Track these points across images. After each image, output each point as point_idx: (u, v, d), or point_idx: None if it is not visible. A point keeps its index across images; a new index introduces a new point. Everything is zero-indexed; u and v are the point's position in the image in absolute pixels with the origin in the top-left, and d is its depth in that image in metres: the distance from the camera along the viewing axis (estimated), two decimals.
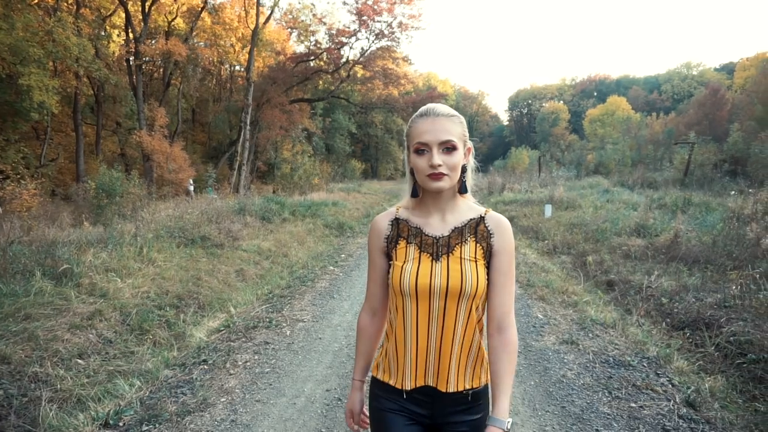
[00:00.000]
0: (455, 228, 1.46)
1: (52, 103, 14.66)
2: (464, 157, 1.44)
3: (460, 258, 1.42)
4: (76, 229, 9.48)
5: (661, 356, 4.19)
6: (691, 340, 4.69)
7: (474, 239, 1.45)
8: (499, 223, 1.47)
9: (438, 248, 1.44)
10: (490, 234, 1.45)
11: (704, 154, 26.10)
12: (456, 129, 1.39)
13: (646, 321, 5.21)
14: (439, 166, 1.35)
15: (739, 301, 5.27)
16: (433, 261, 1.42)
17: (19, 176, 14.39)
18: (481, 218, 1.48)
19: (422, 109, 1.44)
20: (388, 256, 1.52)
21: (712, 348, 4.38)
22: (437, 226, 1.48)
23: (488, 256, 1.45)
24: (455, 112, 1.44)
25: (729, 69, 68.15)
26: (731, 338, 4.43)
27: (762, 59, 45.64)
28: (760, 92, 33.88)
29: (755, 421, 3.21)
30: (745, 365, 4.01)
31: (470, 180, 1.52)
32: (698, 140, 28.35)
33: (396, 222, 1.52)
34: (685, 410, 3.20)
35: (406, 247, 1.47)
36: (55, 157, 20.09)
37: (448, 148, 1.37)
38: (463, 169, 1.46)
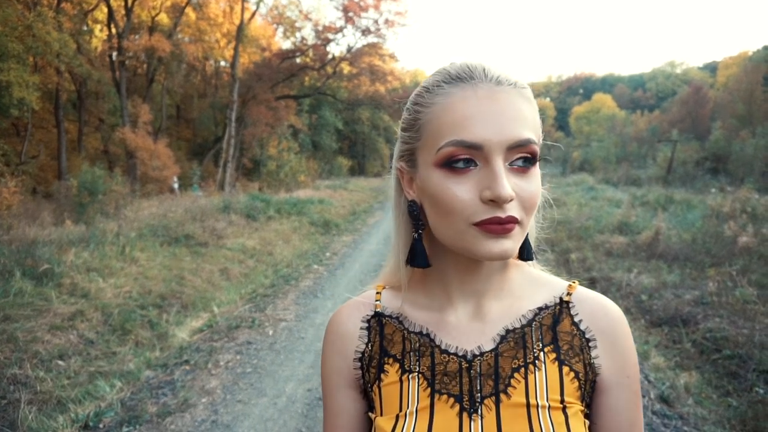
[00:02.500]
0: (509, 332, 0.73)
1: (32, 99, 14.40)
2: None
3: (527, 405, 0.68)
4: (57, 227, 9.35)
5: (639, 353, 4.26)
6: (669, 336, 4.78)
7: (554, 355, 0.71)
8: (601, 314, 0.73)
9: (474, 384, 0.70)
10: (588, 341, 0.72)
11: (687, 151, 26.49)
12: (531, 115, 0.67)
13: (626, 318, 5.29)
14: (509, 200, 0.61)
15: (716, 298, 5.38)
16: (465, 415, 0.69)
17: None
18: (563, 305, 0.75)
19: (455, 66, 0.68)
20: (364, 397, 0.80)
21: (689, 344, 4.47)
22: (467, 327, 0.74)
23: (588, 392, 0.72)
24: (521, 79, 0.69)
25: (712, 68, 69.15)
26: (707, 334, 4.53)
27: (744, 58, 46.36)
28: (742, 90, 34.43)
29: (728, 415, 3.29)
30: (720, 361, 4.11)
31: (534, 229, 0.82)
32: (681, 138, 28.75)
33: (378, 323, 0.79)
34: (659, 406, 3.27)
35: (402, 380, 0.74)
36: (37, 154, 19.78)
37: (526, 158, 0.65)
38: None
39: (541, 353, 0.71)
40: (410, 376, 0.73)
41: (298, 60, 28.14)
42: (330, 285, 6.89)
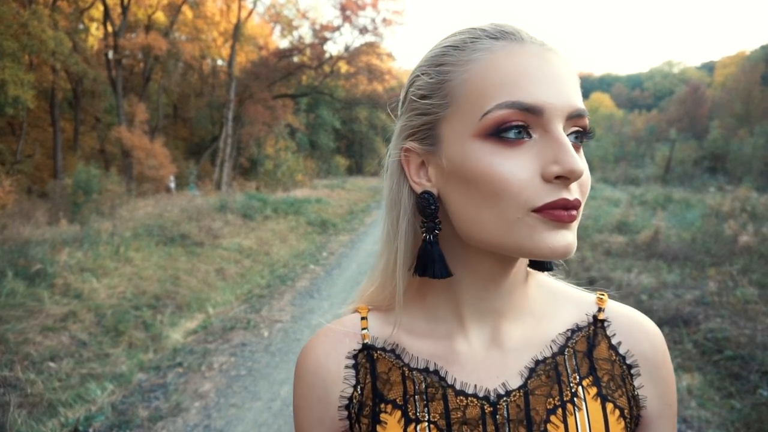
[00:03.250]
0: (538, 362, 0.61)
1: (27, 98, 14.29)
2: None
3: None
4: (52, 227, 9.27)
5: None
6: (669, 337, 4.72)
7: (595, 390, 0.60)
8: (641, 334, 0.63)
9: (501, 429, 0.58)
10: (629, 368, 0.62)
11: (685, 151, 26.49)
12: (578, 84, 0.57)
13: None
14: (581, 175, 0.51)
15: (717, 298, 5.33)
16: None
17: None
18: (597, 325, 0.64)
19: (489, 25, 0.58)
20: None
21: (690, 345, 4.41)
22: (485, 358, 0.61)
23: (631, 427, 0.61)
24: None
25: (709, 67, 69.22)
26: (709, 335, 4.47)
27: (742, 57, 46.41)
28: (740, 90, 34.45)
29: (731, 418, 3.23)
30: (722, 362, 4.05)
31: None
32: (679, 137, 28.77)
33: (368, 358, 0.64)
34: None
35: (408, 428, 0.59)
36: (32, 153, 19.66)
37: (580, 133, 0.56)
38: None
39: (580, 388, 0.59)
40: (418, 427, 0.58)
41: (295, 59, 28.06)
42: (326, 285, 6.82)
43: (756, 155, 21.20)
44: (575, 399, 0.58)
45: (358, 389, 0.62)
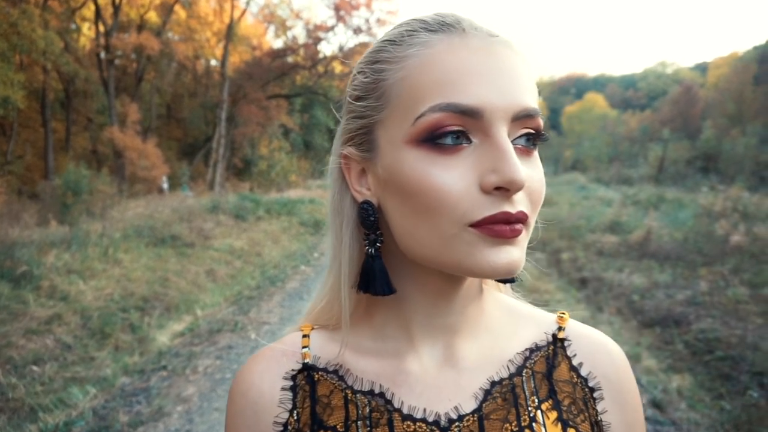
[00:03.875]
0: (494, 384, 0.56)
1: (17, 98, 14.16)
2: None
3: None
4: (41, 228, 9.17)
5: (630, 355, 4.17)
6: (660, 337, 4.70)
7: (555, 414, 0.55)
8: (604, 355, 0.59)
9: None
10: (591, 390, 0.57)
11: (678, 150, 26.58)
12: (533, 82, 0.51)
13: (617, 319, 5.21)
14: (522, 186, 0.45)
15: (708, 298, 5.32)
16: None
17: None
18: (557, 345, 0.59)
19: (431, 16, 0.52)
20: None
21: (681, 345, 4.39)
22: (437, 378, 0.56)
23: None
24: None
25: (702, 68, 69.52)
26: (700, 335, 4.45)
27: (734, 58, 46.65)
28: (732, 90, 34.61)
29: (721, 420, 3.21)
30: (712, 362, 4.03)
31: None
32: (672, 137, 28.87)
33: (308, 380, 0.58)
34: (650, 412, 3.17)
35: None
36: (23, 153, 19.50)
37: (531, 136, 0.50)
38: None
39: (539, 412, 0.54)
40: None
41: (289, 59, 27.98)
42: (316, 287, 6.76)
43: (748, 155, 21.30)
44: (534, 424, 0.53)
45: (295, 414, 0.56)
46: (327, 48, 28.26)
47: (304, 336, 0.61)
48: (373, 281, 0.53)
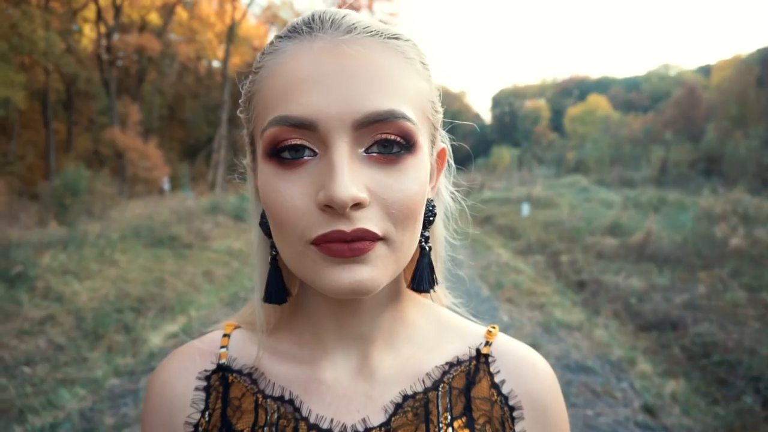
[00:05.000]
0: (406, 398, 0.54)
1: (18, 99, 14.24)
2: (433, 175, 0.55)
3: None
4: (41, 229, 9.19)
5: (625, 359, 4.13)
6: (657, 341, 4.66)
7: (466, 430, 0.53)
8: (530, 374, 0.57)
9: None
10: (511, 410, 0.55)
11: (680, 153, 26.48)
12: (406, 77, 0.47)
13: (613, 322, 5.17)
14: (349, 204, 0.42)
15: (707, 302, 5.27)
16: None
17: None
18: (480, 360, 0.57)
19: (298, 18, 0.50)
20: None
21: (678, 349, 4.34)
22: (348, 388, 0.55)
23: None
24: (403, 32, 0.50)
25: (706, 70, 69.37)
26: (697, 339, 4.40)
27: (737, 60, 46.51)
28: (735, 92, 34.48)
29: (715, 425, 3.16)
30: (708, 367, 3.98)
31: (441, 247, 0.62)
32: (675, 139, 28.78)
33: (222, 381, 0.57)
34: (642, 417, 3.13)
35: None
36: (24, 154, 19.56)
37: (390, 143, 0.45)
38: (428, 215, 0.54)
39: (450, 429, 0.52)
40: None
41: None
42: None
43: (750, 157, 21.19)
44: None
45: (206, 415, 0.54)
46: None
47: (225, 335, 0.59)
48: (266, 290, 0.53)
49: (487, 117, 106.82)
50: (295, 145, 0.44)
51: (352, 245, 0.43)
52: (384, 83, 0.44)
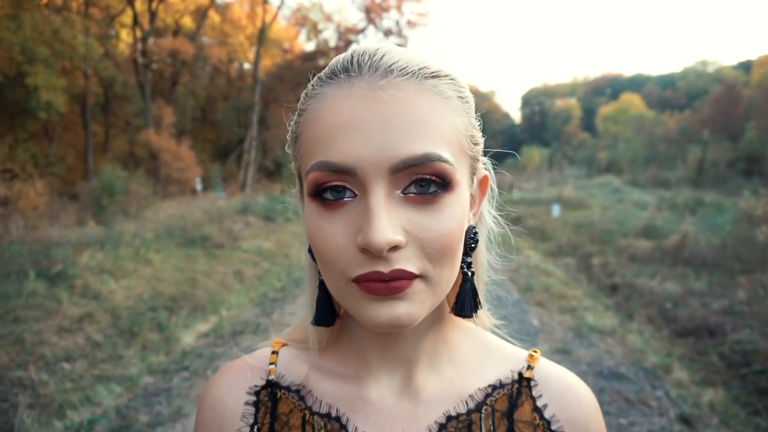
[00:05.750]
0: (450, 419, 0.55)
1: (59, 102, 14.74)
2: (474, 203, 0.56)
3: None
4: (79, 228, 9.49)
5: (660, 366, 4.02)
6: (694, 348, 4.52)
7: None
8: (572, 399, 0.58)
9: None
10: None
11: (718, 152, 25.64)
12: (443, 118, 0.48)
13: (647, 328, 5.03)
14: (384, 248, 0.44)
15: (747, 308, 5.09)
16: None
17: (27, 175, 14.52)
18: (522, 384, 0.58)
19: (338, 59, 0.53)
20: None
21: (716, 357, 4.20)
22: (393, 407, 0.56)
23: None
24: (442, 68, 0.50)
25: (746, 66, 66.94)
26: (736, 347, 4.25)
27: None
28: None
29: None
30: (749, 376, 3.84)
31: (484, 271, 0.62)
32: (713, 138, 27.88)
33: (271, 396, 0.59)
34: (678, 427, 3.04)
35: None
36: (64, 155, 20.24)
37: (426, 182, 0.46)
38: (470, 243, 0.54)
39: None
40: None
41: (320, 61, 28.22)
42: None
43: None
44: None
45: (255, 429, 0.57)
46: None
47: (273, 352, 0.62)
48: (316, 312, 0.55)
49: (516, 116, 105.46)
50: (336, 186, 0.47)
51: (389, 284, 0.45)
52: (419, 126, 0.46)
